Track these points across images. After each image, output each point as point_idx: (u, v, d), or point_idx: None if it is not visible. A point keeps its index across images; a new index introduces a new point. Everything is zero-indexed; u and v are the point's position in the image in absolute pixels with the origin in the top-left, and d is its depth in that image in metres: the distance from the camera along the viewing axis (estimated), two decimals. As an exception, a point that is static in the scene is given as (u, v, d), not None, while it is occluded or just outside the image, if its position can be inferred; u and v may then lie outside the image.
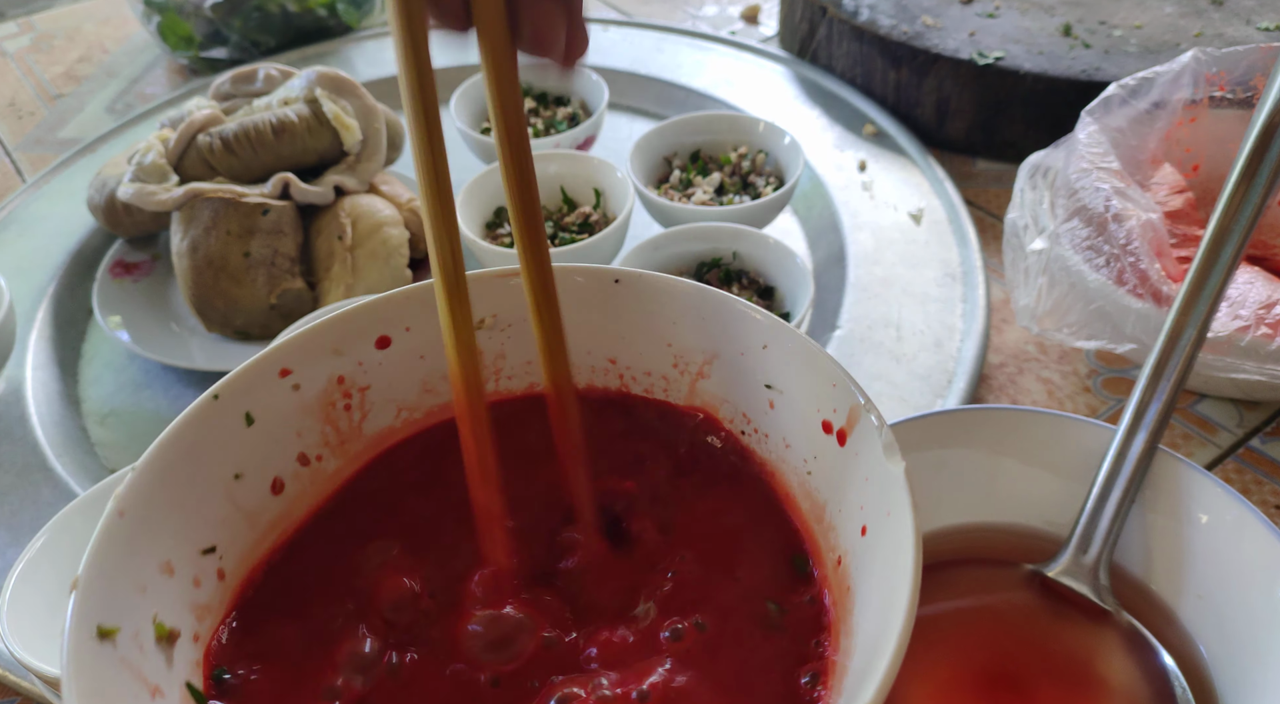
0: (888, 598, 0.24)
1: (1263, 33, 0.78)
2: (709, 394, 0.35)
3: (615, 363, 0.37)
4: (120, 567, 0.26)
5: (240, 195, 0.67)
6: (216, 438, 0.31)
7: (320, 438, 0.34)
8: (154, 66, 1.09)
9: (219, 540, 0.30)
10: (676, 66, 0.94)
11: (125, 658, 0.25)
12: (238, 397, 0.32)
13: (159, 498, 0.28)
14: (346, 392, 0.34)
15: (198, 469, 0.30)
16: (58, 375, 0.69)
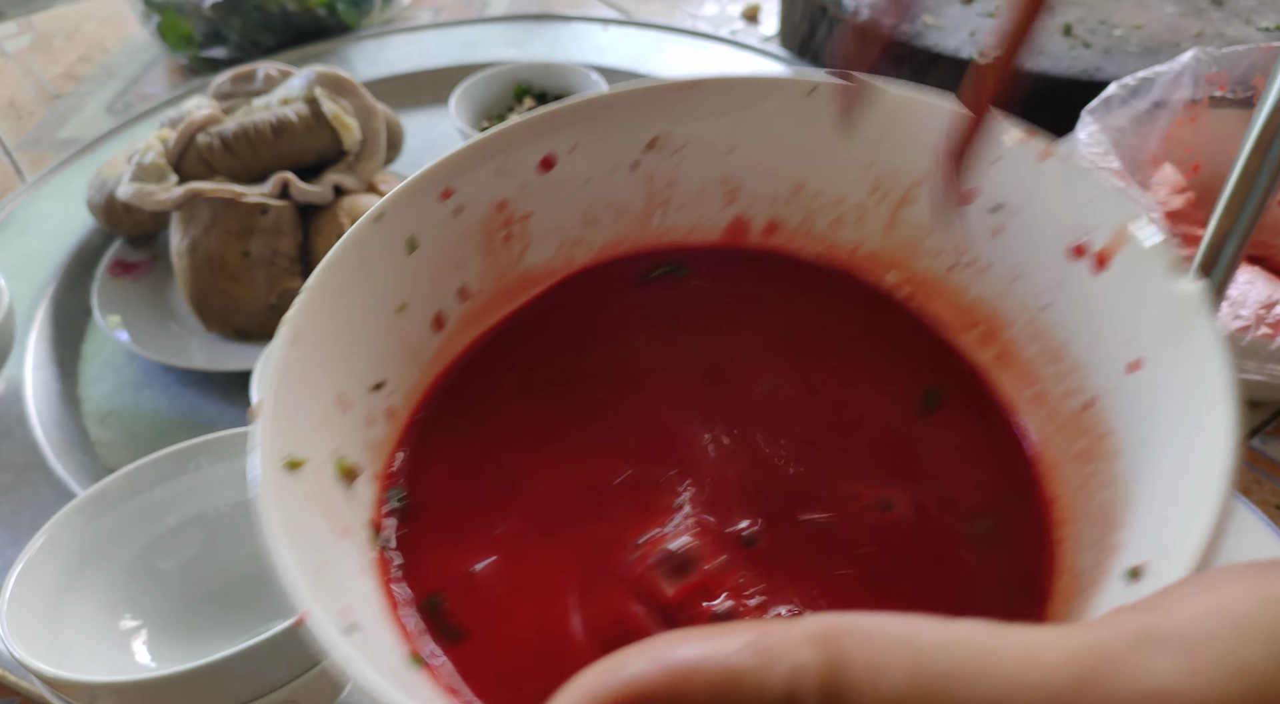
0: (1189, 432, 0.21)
1: (1263, 33, 0.78)
2: (912, 224, 0.31)
3: (802, 189, 0.33)
4: (299, 396, 0.24)
5: (239, 195, 0.67)
6: (381, 264, 0.28)
7: (481, 270, 0.31)
8: (154, 66, 1.09)
9: (388, 376, 0.28)
10: (676, 66, 0.93)
11: (312, 492, 0.23)
12: (400, 219, 0.29)
13: (330, 323, 0.26)
14: (507, 220, 0.31)
15: (365, 296, 0.28)
16: (57, 375, 0.69)
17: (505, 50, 1.00)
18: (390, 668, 0.21)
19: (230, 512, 0.49)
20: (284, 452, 0.23)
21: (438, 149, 1.00)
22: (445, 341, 0.30)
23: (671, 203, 0.34)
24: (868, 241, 0.33)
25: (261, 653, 0.38)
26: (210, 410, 0.66)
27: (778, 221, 0.34)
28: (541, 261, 0.33)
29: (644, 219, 0.34)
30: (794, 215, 0.34)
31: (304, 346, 0.25)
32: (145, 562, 0.47)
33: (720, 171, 0.33)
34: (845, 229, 0.33)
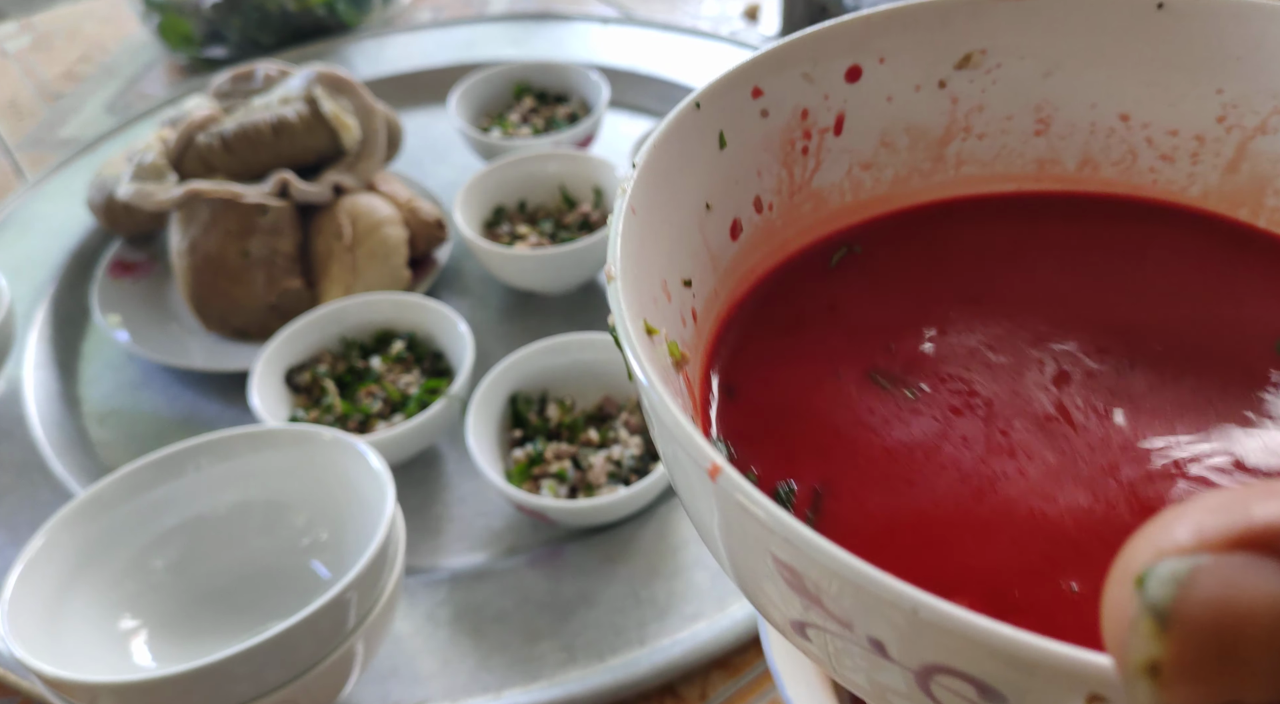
0: None
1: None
2: (1267, 156, 0.28)
3: (1128, 120, 0.30)
4: (638, 269, 0.23)
5: (239, 195, 0.67)
6: (695, 153, 0.27)
7: (776, 182, 0.30)
8: (153, 66, 1.09)
9: (694, 275, 0.27)
10: (676, 65, 0.93)
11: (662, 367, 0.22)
12: (715, 111, 0.27)
13: (656, 205, 0.25)
14: (807, 131, 0.30)
15: (681, 185, 0.27)
16: (57, 375, 0.69)
17: (505, 49, 1.00)
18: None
19: (230, 512, 0.49)
20: (642, 317, 0.22)
21: (438, 148, 0.99)
22: (737, 255, 0.29)
23: (973, 129, 0.31)
24: (1200, 181, 0.30)
25: (261, 653, 0.38)
26: (210, 410, 0.66)
27: (1091, 157, 0.31)
28: (831, 182, 0.31)
29: (940, 147, 0.31)
30: (1113, 150, 0.31)
31: (639, 221, 0.24)
32: (145, 562, 0.47)
33: (1035, 96, 0.30)
34: (1176, 166, 0.30)
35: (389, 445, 0.55)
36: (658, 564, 0.52)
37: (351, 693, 0.47)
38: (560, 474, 0.54)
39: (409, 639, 0.50)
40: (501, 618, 0.50)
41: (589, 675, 0.47)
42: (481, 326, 0.70)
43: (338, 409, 0.59)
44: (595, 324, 0.69)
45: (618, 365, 0.59)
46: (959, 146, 0.31)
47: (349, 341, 0.64)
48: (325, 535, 0.49)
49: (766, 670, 0.48)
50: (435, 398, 0.59)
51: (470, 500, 0.58)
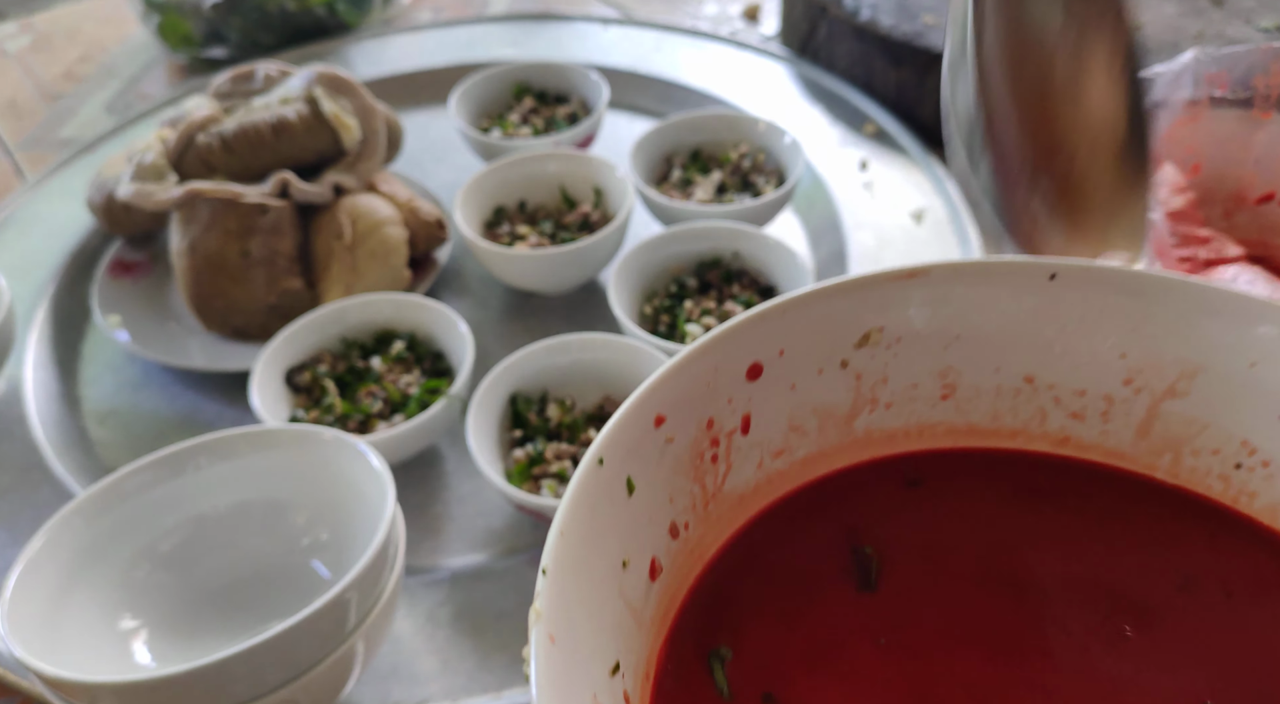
0: None
1: (1263, 33, 0.78)
2: (1179, 418, 0.28)
3: (1033, 381, 0.30)
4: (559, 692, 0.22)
5: (239, 195, 0.67)
6: (605, 512, 0.26)
7: (689, 500, 0.29)
8: (153, 66, 1.09)
9: (620, 655, 0.25)
10: (676, 65, 0.93)
11: None
12: (619, 460, 0.26)
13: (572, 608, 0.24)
14: (715, 439, 0.29)
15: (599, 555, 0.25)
16: (57, 375, 0.69)
17: (505, 50, 1.00)
18: None
19: (230, 512, 0.49)
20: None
21: (438, 149, 1.00)
22: (658, 595, 0.28)
23: (880, 401, 0.31)
24: (1114, 438, 0.30)
25: (261, 653, 0.38)
26: (210, 410, 0.66)
27: (1000, 416, 0.31)
28: (744, 479, 0.31)
29: (848, 422, 0.31)
30: (1021, 410, 0.31)
31: (559, 650, 0.22)
32: (145, 562, 0.47)
33: (939, 364, 0.31)
34: (1088, 424, 0.30)
35: (389, 445, 0.55)
36: (658, 564, 0.52)
37: (352, 693, 0.47)
38: (560, 474, 0.54)
39: (409, 639, 0.50)
40: (502, 617, 0.50)
41: (589, 675, 0.47)
42: (482, 327, 0.70)
43: (338, 409, 0.59)
44: (595, 324, 0.69)
45: (618, 365, 0.59)
46: (867, 419, 0.31)
47: (349, 342, 0.64)
48: (325, 535, 0.49)
49: (766, 670, 0.48)
50: (435, 398, 0.59)
51: (470, 500, 0.58)
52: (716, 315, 0.63)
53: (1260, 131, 0.58)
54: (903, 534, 0.30)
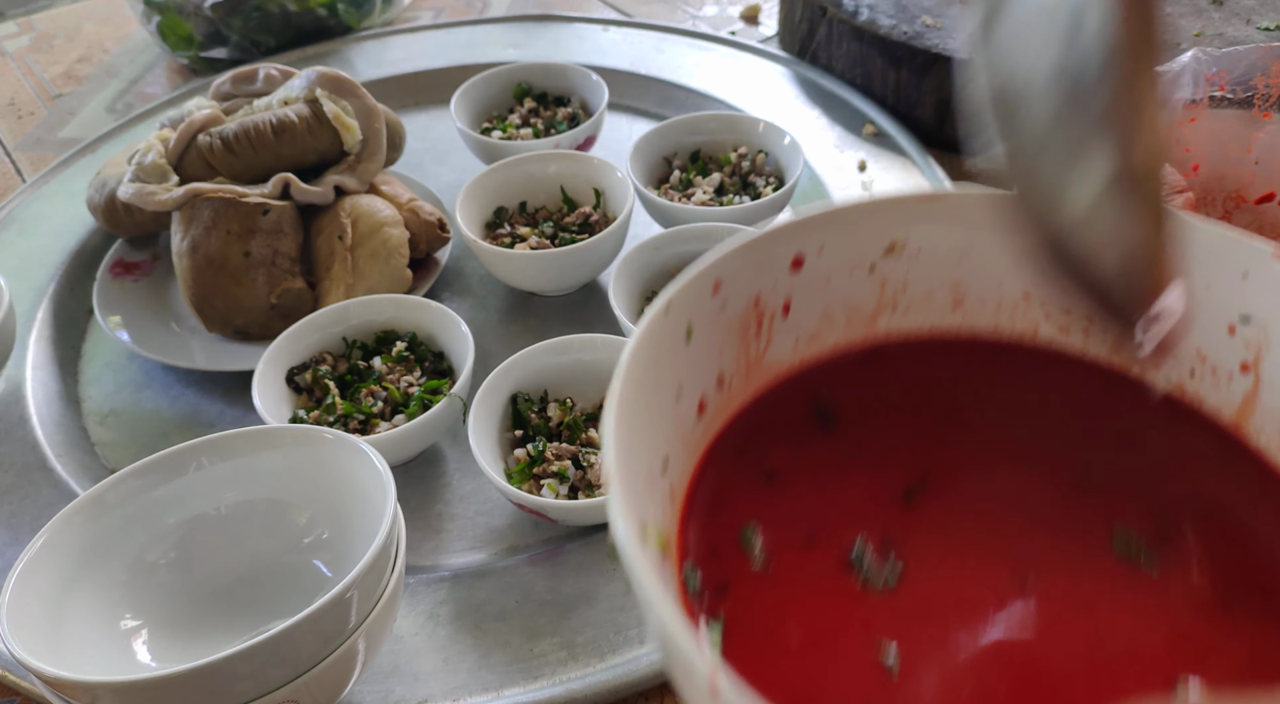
0: None
1: (1263, 33, 0.78)
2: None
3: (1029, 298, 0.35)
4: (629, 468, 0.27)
5: (240, 195, 0.67)
6: (667, 348, 0.31)
7: (734, 361, 0.34)
8: (154, 66, 1.09)
9: (670, 456, 0.31)
10: (676, 66, 0.94)
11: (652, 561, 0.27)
12: (682, 309, 0.32)
13: (636, 407, 0.29)
14: (760, 314, 0.34)
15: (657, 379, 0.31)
16: (58, 375, 0.70)
17: (506, 51, 1.00)
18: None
19: (230, 512, 0.49)
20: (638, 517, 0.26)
21: (439, 149, 1.00)
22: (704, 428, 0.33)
23: (899, 305, 0.36)
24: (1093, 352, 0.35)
25: (263, 652, 0.38)
26: (211, 410, 0.66)
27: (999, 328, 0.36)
28: (780, 356, 0.36)
29: (871, 320, 0.37)
30: (1018, 322, 0.36)
31: (623, 427, 0.28)
32: (145, 562, 0.47)
33: (951, 276, 0.35)
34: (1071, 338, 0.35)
35: (390, 445, 0.55)
36: (658, 564, 0.52)
37: (353, 691, 0.47)
38: (561, 473, 0.54)
39: (410, 638, 0.50)
40: (502, 616, 0.50)
41: (589, 674, 0.47)
42: (482, 327, 0.70)
43: (339, 409, 0.59)
44: (595, 324, 0.69)
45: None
46: (888, 319, 0.37)
47: (351, 342, 0.64)
48: (327, 534, 0.49)
49: (767, 670, 0.48)
50: (437, 398, 0.59)
51: (471, 499, 0.58)
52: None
53: (1260, 131, 0.58)
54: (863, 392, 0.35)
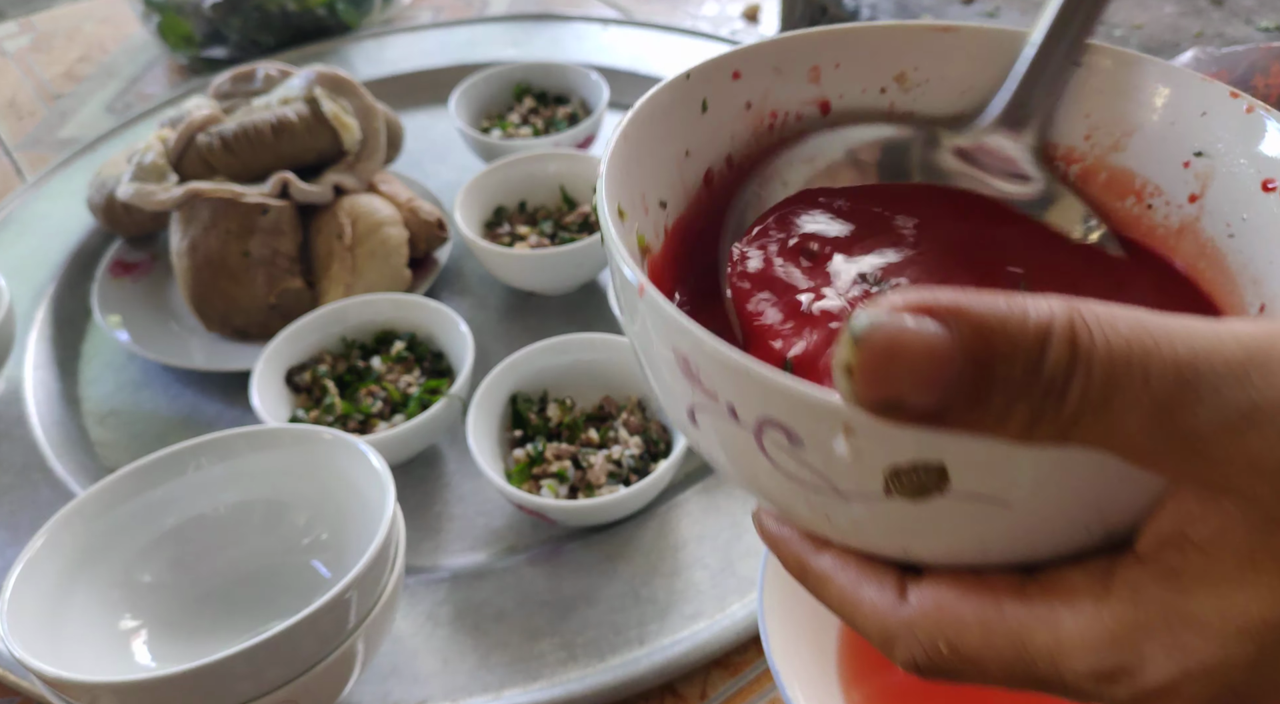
0: None
1: (1263, 33, 0.78)
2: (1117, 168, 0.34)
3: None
4: (622, 177, 0.30)
5: (239, 195, 0.67)
6: (682, 110, 0.34)
7: (744, 146, 0.36)
8: (154, 66, 1.09)
9: (669, 200, 0.33)
10: (676, 66, 0.93)
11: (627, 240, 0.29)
12: (702, 82, 0.34)
13: (646, 137, 0.32)
14: (774, 112, 0.36)
15: (667, 130, 0.33)
16: (57, 375, 0.69)
17: (505, 50, 1.00)
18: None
19: (231, 511, 0.49)
20: (616, 201, 0.29)
21: (438, 149, 1.00)
22: (708, 197, 0.35)
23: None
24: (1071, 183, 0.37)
25: (262, 652, 0.38)
26: (210, 410, 0.66)
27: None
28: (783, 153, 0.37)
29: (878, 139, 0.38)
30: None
31: (629, 144, 0.31)
32: (145, 561, 0.47)
33: (953, 109, 0.36)
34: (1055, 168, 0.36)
35: (389, 445, 0.55)
36: (657, 563, 0.52)
37: (352, 692, 0.47)
38: (560, 474, 0.54)
39: (409, 638, 0.50)
40: (502, 617, 0.50)
41: (589, 674, 0.47)
42: (482, 327, 0.70)
43: (338, 409, 0.59)
44: (595, 324, 0.69)
45: (618, 365, 0.59)
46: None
47: (350, 342, 0.64)
48: (326, 535, 0.49)
49: (766, 670, 0.48)
50: (436, 398, 0.59)
51: (470, 500, 0.58)
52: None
53: (1260, 132, 0.58)
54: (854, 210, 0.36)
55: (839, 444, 0.20)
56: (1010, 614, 0.20)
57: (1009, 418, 0.17)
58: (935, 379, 0.17)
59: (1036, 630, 0.20)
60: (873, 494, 0.20)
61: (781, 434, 0.21)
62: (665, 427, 0.57)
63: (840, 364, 0.17)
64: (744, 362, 0.20)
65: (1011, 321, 0.17)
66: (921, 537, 0.22)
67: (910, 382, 0.17)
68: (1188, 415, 0.17)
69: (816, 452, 0.21)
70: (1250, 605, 0.17)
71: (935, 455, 0.19)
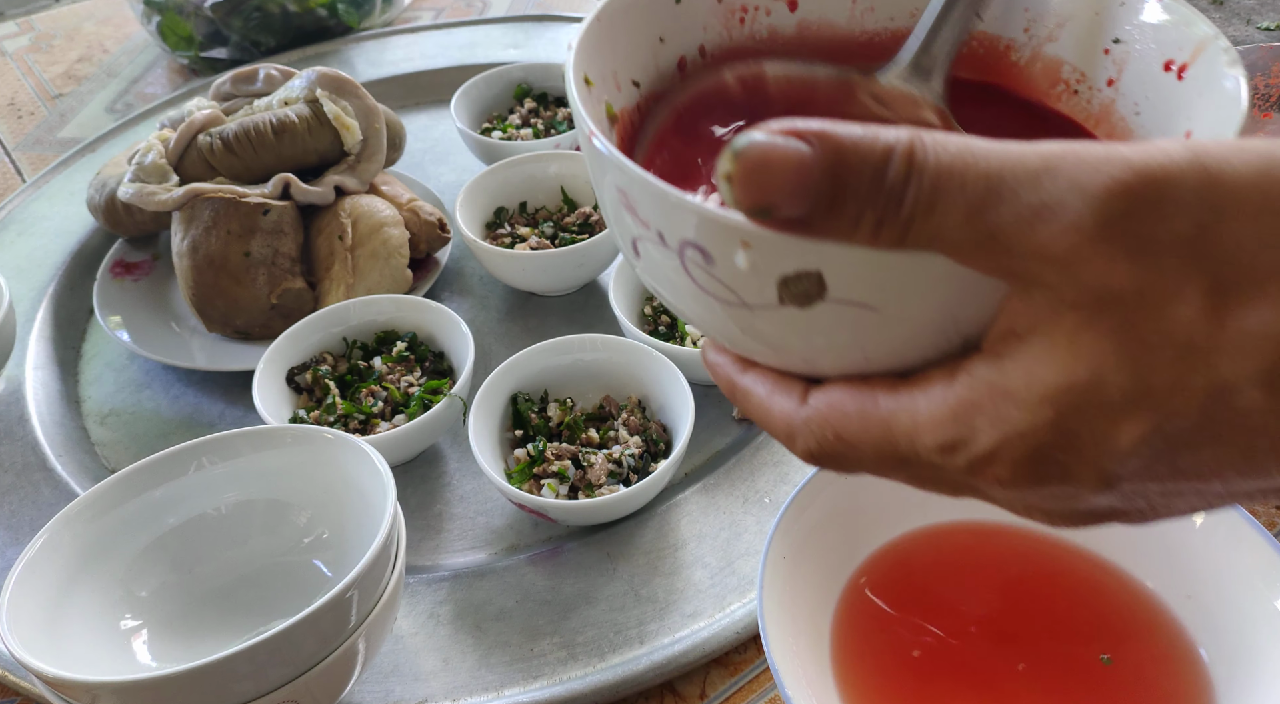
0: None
1: (1263, 33, 0.78)
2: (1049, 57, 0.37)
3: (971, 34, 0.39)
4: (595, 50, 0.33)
5: (241, 195, 0.67)
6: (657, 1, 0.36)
7: (716, 39, 0.37)
8: (154, 66, 1.09)
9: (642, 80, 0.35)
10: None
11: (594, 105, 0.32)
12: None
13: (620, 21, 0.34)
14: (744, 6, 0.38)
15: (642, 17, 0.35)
16: (58, 375, 0.70)
17: (506, 51, 1.00)
18: None
19: (232, 511, 0.49)
20: (583, 72, 0.31)
21: (439, 150, 1.00)
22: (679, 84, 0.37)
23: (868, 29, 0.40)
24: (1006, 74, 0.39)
25: (263, 651, 0.38)
26: (211, 410, 0.66)
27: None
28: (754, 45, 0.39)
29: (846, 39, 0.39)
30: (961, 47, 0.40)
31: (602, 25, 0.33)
32: (146, 561, 0.47)
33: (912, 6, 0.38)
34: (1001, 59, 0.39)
35: (391, 445, 0.55)
36: (657, 562, 0.52)
37: (353, 691, 0.47)
38: (561, 473, 0.54)
39: (410, 637, 0.50)
40: (502, 616, 0.50)
41: (589, 673, 0.47)
42: (482, 327, 0.70)
43: (340, 409, 0.59)
44: (595, 324, 0.69)
45: (617, 365, 0.59)
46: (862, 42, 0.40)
47: (351, 342, 0.64)
48: (327, 534, 0.49)
49: (766, 669, 0.48)
50: (437, 398, 0.59)
51: (471, 499, 0.58)
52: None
53: (1260, 132, 0.58)
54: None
55: (739, 257, 0.23)
56: (882, 405, 0.24)
57: (860, 223, 0.21)
58: (799, 188, 0.20)
59: (899, 415, 0.23)
60: (771, 303, 0.24)
61: (699, 253, 0.25)
62: (665, 426, 0.57)
63: (722, 174, 0.21)
64: (665, 188, 0.24)
65: (863, 142, 0.20)
66: (814, 346, 0.25)
67: (779, 190, 0.20)
68: (992, 214, 0.20)
69: (725, 266, 0.24)
70: (1048, 376, 0.21)
71: (813, 264, 0.23)
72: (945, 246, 0.21)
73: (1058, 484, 0.22)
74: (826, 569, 0.44)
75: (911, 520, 0.47)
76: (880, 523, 0.47)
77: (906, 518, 0.47)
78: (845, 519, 0.46)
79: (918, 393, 0.23)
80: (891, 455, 0.24)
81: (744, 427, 0.61)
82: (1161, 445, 0.21)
